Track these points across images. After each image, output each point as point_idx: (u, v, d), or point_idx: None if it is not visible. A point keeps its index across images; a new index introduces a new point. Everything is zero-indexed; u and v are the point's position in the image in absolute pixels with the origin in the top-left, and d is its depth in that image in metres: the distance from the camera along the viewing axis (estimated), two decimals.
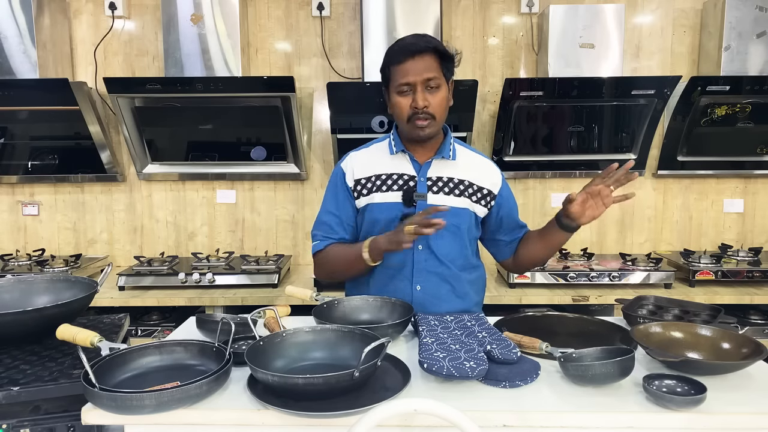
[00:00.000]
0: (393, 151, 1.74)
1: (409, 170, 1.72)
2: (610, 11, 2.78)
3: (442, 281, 1.72)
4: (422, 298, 1.70)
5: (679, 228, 3.21)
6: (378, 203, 1.71)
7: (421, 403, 0.91)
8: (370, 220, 1.73)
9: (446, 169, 1.73)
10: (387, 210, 1.70)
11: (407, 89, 1.61)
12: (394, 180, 1.71)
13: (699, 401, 1.11)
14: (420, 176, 1.71)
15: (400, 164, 1.73)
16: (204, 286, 2.73)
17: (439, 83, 1.62)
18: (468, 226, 1.73)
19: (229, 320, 1.35)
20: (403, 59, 1.60)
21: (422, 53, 1.59)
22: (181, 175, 3.16)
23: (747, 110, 2.90)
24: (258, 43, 3.10)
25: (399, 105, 1.64)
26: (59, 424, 1.37)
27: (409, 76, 1.59)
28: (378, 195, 1.71)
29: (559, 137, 3.03)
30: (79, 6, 3.09)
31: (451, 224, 1.68)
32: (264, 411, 1.12)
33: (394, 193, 1.70)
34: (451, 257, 1.72)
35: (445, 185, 1.71)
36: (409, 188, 1.69)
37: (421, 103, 1.60)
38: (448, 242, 1.71)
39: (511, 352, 1.29)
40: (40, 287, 1.72)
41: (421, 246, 1.70)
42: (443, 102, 1.66)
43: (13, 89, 2.81)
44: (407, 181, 1.71)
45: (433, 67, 1.60)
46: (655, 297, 1.79)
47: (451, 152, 1.74)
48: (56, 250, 3.23)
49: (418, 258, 1.70)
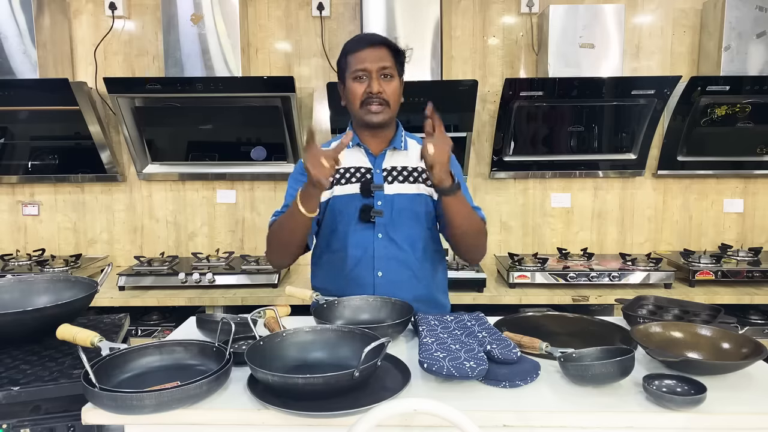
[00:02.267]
0: (349, 145, 1.78)
1: (365, 163, 1.80)
2: (610, 11, 2.78)
3: (403, 267, 1.77)
4: (384, 285, 1.75)
5: (679, 228, 3.21)
6: (338, 195, 1.78)
7: (421, 403, 0.91)
8: (332, 212, 1.80)
9: (399, 159, 1.80)
10: (347, 201, 1.77)
11: (363, 75, 1.69)
12: (351, 173, 1.79)
13: (699, 401, 1.11)
14: (375, 168, 1.79)
15: (356, 157, 1.80)
16: (204, 286, 2.73)
17: (392, 73, 1.71)
18: (426, 210, 1.79)
19: (229, 320, 1.35)
20: (360, 48, 1.70)
21: (378, 45, 1.71)
22: (181, 175, 3.16)
23: (747, 110, 2.90)
24: (258, 43, 3.10)
25: (353, 90, 1.71)
26: (59, 424, 1.37)
27: (366, 62, 1.68)
28: (338, 188, 1.79)
29: (559, 137, 3.03)
30: (79, 6, 3.09)
31: (409, 210, 1.76)
32: (264, 411, 1.12)
33: (352, 185, 1.78)
34: (411, 242, 1.77)
35: (399, 174, 1.78)
36: (366, 180, 1.77)
37: (375, 88, 1.68)
38: (407, 228, 1.77)
39: (511, 352, 1.29)
40: (40, 287, 1.72)
41: (380, 234, 1.76)
42: (396, 91, 1.74)
43: (13, 89, 2.81)
44: (364, 173, 1.79)
45: (387, 58, 1.70)
46: (655, 297, 1.79)
47: (402, 143, 1.82)
48: (56, 250, 3.23)
49: (378, 245, 1.76)
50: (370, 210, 1.75)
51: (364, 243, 1.76)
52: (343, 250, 1.79)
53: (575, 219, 3.21)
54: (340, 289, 1.77)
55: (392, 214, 1.76)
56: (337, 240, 1.80)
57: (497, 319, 1.63)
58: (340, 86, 1.79)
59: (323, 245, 1.85)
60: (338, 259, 1.80)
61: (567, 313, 1.68)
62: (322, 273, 1.88)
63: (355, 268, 1.78)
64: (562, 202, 3.18)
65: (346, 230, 1.78)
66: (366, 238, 1.76)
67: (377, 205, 1.75)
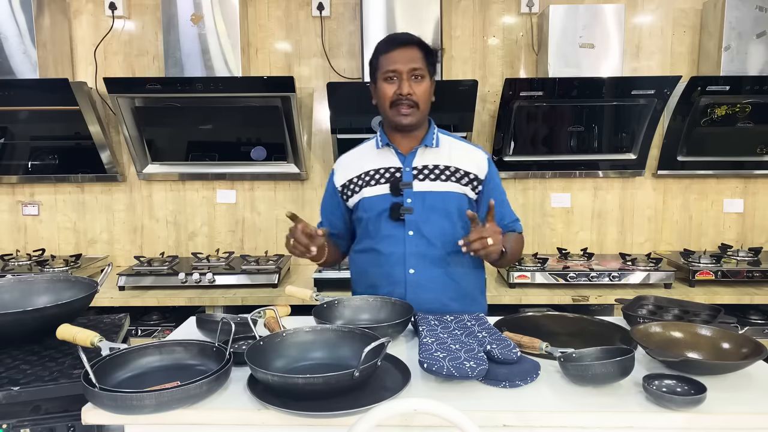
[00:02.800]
0: (378, 145, 1.81)
1: (394, 162, 1.79)
2: (610, 11, 2.78)
3: (434, 264, 1.76)
4: (416, 282, 1.74)
5: (679, 228, 3.21)
6: (368, 197, 1.79)
7: (421, 403, 0.91)
8: (362, 214, 1.81)
9: (431, 157, 1.78)
10: (377, 202, 1.78)
11: (393, 76, 1.69)
12: (381, 174, 1.79)
13: (699, 401, 1.11)
14: (405, 166, 1.77)
15: (385, 158, 1.80)
16: (204, 286, 2.73)
17: (423, 74, 1.70)
18: (458, 208, 1.76)
19: (229, 320, 1.35)
20: (391, 48, 1.70)
21: (409, 45, 1.70)
22: (181, 175, 3.16)
23: (747, 110, 2.90)
24: (258, 43, 3.10)
25: (384, 91, 1.71)
26: (59, 424, 1.37)
27: (397, 64, 1.68)
28: (367, 190, 1.79)
29: (559, 137, 3.03)
30: (79, 6, 3.09)
31: (440, 207, 1.75)
32: (264, 411, 1.12)
33: (381, 186, 1.78)
34: (443, 239, 1.76)
35: (431, 172, 1.77)
36: (395, 179, 1.76)
37: (405, 90, 1.68)
38: (438, 225, 1.75)
39: (511, 352, 1.29)
40: (40, 287, 1.73)
41: (411, 231, 1.75)
42: (426, 92, 1.72)
43: (13, 89, 2.81)
44: (393, 173, 1.77)
45: (418, 59, 1.69)
46: (655, 297, 1.79)
47: (434, 141, 1.79)
48: (56, 250, 3.23)
49: (409, 242, 1.75)
50: (399, 208, 1.74)
51: (396, 241, 1.75)
52: (375, 248, 1.79)
53: (575, 219, 3.21)
54: (373, 286, 1.79)
55: (423, 211, 1.74)
56: (370, 239, 1.80)
57: (497, 319, 1.63)
58: (372, 86, 1.79)
59: (358, 244, 1.87)
60: (371, 257, 1.80)
61: (567, 313, 1.69)
62: (357, 270, 1.89)
63: (387, 265, 1.77)
64: (562, 202, 3.18)
65: (377, 229, 1.78)
66: (397, 235, 1.75)
67: (406, 203, 1.74)
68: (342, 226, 1.92)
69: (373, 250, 1.79)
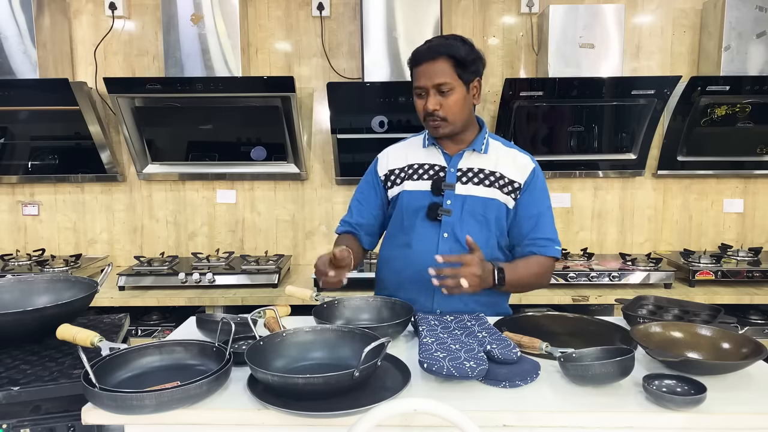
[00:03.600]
0: (425, 144, 1.80)
1: (440, 161, 1.77)
2: (610, 11, 2.78)
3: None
4: None
5: (679, 228, 3.21)
6: (409, 191, 1.78)
7: (421, 403, 0.91)
8: (401, 207, 1.79)
9: (477, 161, 1.76)
10: (417, 198, 1.76)
11: (421, 92, 1.68)
12: (425, 170, 1.78)
13: (699, 401, 1.11)
14: (450, 167, 1.75)
15: (431, 155, 1.79)
16: (204, 286, 2.73)
17: (451, 87, 1.65)
18: (496, 216, 1.73)
19: (229, 320, 1.35)
20: (417, 64, 1.67)
21: (434, 59, 1.64)
22: (181, 175, 3.16)
23: (747, 110, 2.90)
24: (258, 43, 3.10)
25: (417, 105, 1.72)
26: (59, 424, 1.37)
27: (421, 80, 1.66)
28: (409, 183, 1.78)
29: (559, 137, 3.03)
30: (79, 6, 3.09)
31: (479, 213, 1.72)
32: (264, 411, 1.12)
33: (424, 182, 1.76)
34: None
35: (475, 176, 1.74)
36: (438, 178, 1.75)
37: (431, 107, 1.66)
38: (474, 231, 1.71)
39: (511, 352, 1.29)
40: (40, 287, 1.73)
41: (446, 234, 1.72)
42: (456, 105, 1.67)
43: (13, 89, 2.81)
44: (438, 171, 1.76)
45: (445, 72, 1.64)
46: (655, 297, 1.79)
47: (483, 146, 1.76)
48: (56, 250, 3.23)
49: (443, 246, 1.72)
50: (437, 208, 1.72)
51: (429, 241, 1.73)
52: (407, 246, 1.76)
53: (575, 219, 3.21)
54: (402, 285, 1.76)
55: (462, 215, 1.72)
56: (404, 235, 1.78)
57: (497, 319, 1.63)
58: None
59: (391, 239, 1.85)
60: (402, 255, 1.78)
61: (567, 313, 1.69)
62: (387, 267, 1.86)
63: (418, 265, 1.71)
64: (562, 202, 3.18)
65: (412, 226, 1.76)
66: (431, 236, 1.72)
67: (446, 204, 1.72)
68: (376, 215, 1.87)
69: (405, 246, 1.76)
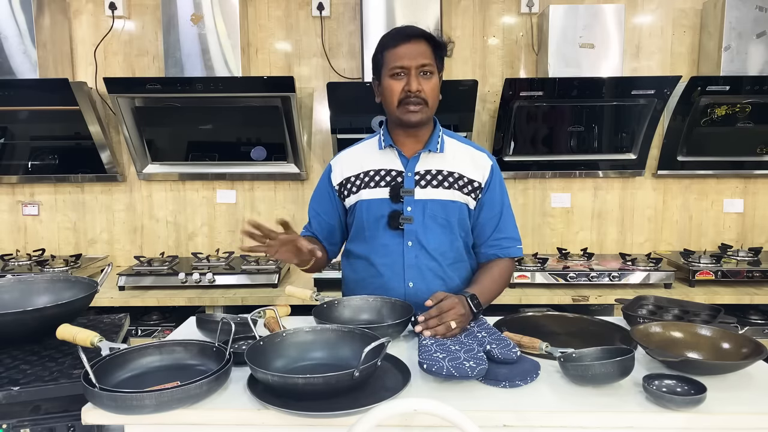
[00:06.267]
0: (381, 146, 1.73)
1: (396, 165, 1.70)
2: (610, 11, 2.78)
3: (434, 277, 1.70)
4: (415, 296, 1.67)
5: (679, 228, 3.21)
6: (367, 200, 1.70)
7: (421, 403, 0.91)
8: (360, 217, 1.72)
9: (434, 162, 1.70)
10: (376, 206, 1.70)
11: (401, 73, 1.60)
12: (381, 176, 1.70)
13: (699, 401, 1.11)
14: (407, 171, 1.69)
15: (388, 160, 1.72)
16: (204, 286, 2.73)
17: (432, 70, 1.61)
18: (459, 218, 1.69)
19: (229, 320, 1.35)
20: (398, 43, 1.60)
21: (417, 39, 1.60)
22: (181, 175, 3.16)
23: (747, 110, 2.90)
24: (258, 43, 3.10)
25: (391, 88, 1.62)
26: (59, 424, 1.37)
27: (404, 59, 1.59)
28: (366, 191, 1.71)
29: (559, 137, 3.03)
30: (79, 6, 3.09)
31: (441, 217, 1.67)
32: (264, 411, 1.12)
33: (381, 189, 1.69)
34: (442, 251, 1.69)
35: (434, 178, 1.68)
36: (396, 184, 1.68)
37: (414, 87, 1.58)
38: (438, 236, 1.68)
39: (511, 351, 1.29)
40: (40, 287, 1.72)
41: (410, 242, 1.68)
42: (435, 89, 1.64)
43: (13, 89, 2.81)
44: (395, 177, 1.69)
45: (427, 54, 1.60)
46: (655, 297, 1.79)
47: (438, 145, 1.71)
48: (56, 250, 3.23)
49: (409, 254, 1.68)
50: (399, 216, 1.66)
51: (394, 251, 1.68)
52: (371, 258, 1.71)
53: (575, 219, 3.21)
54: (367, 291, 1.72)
55: (424, 220, 1.67)
56: (366, 246, 1.73)
57: (497, 319, 1.63)
58: (375, 83, 1.70)
59: (352, 250, 1.79)
60: (366, 267, 1.73)
61: (567, 313, 1.69)
62: (352, 280, 1.81)
63: (384, 277, 1.70)
64: (562, 202, 3.18)
65: (374, 236, 1.70)
66: (395, 246, 1.68)
67: (407, 212, 1.66)
68: (335, 225, 1.82)
69: (369, 259, 1.72)
